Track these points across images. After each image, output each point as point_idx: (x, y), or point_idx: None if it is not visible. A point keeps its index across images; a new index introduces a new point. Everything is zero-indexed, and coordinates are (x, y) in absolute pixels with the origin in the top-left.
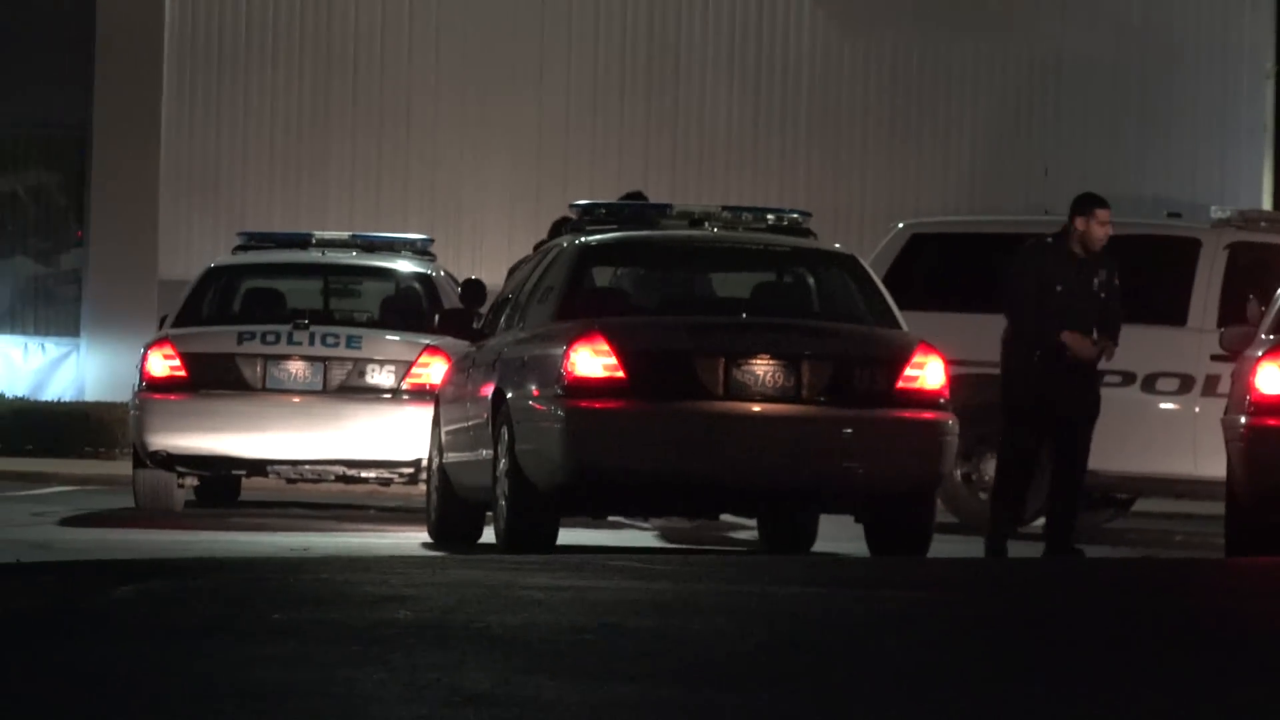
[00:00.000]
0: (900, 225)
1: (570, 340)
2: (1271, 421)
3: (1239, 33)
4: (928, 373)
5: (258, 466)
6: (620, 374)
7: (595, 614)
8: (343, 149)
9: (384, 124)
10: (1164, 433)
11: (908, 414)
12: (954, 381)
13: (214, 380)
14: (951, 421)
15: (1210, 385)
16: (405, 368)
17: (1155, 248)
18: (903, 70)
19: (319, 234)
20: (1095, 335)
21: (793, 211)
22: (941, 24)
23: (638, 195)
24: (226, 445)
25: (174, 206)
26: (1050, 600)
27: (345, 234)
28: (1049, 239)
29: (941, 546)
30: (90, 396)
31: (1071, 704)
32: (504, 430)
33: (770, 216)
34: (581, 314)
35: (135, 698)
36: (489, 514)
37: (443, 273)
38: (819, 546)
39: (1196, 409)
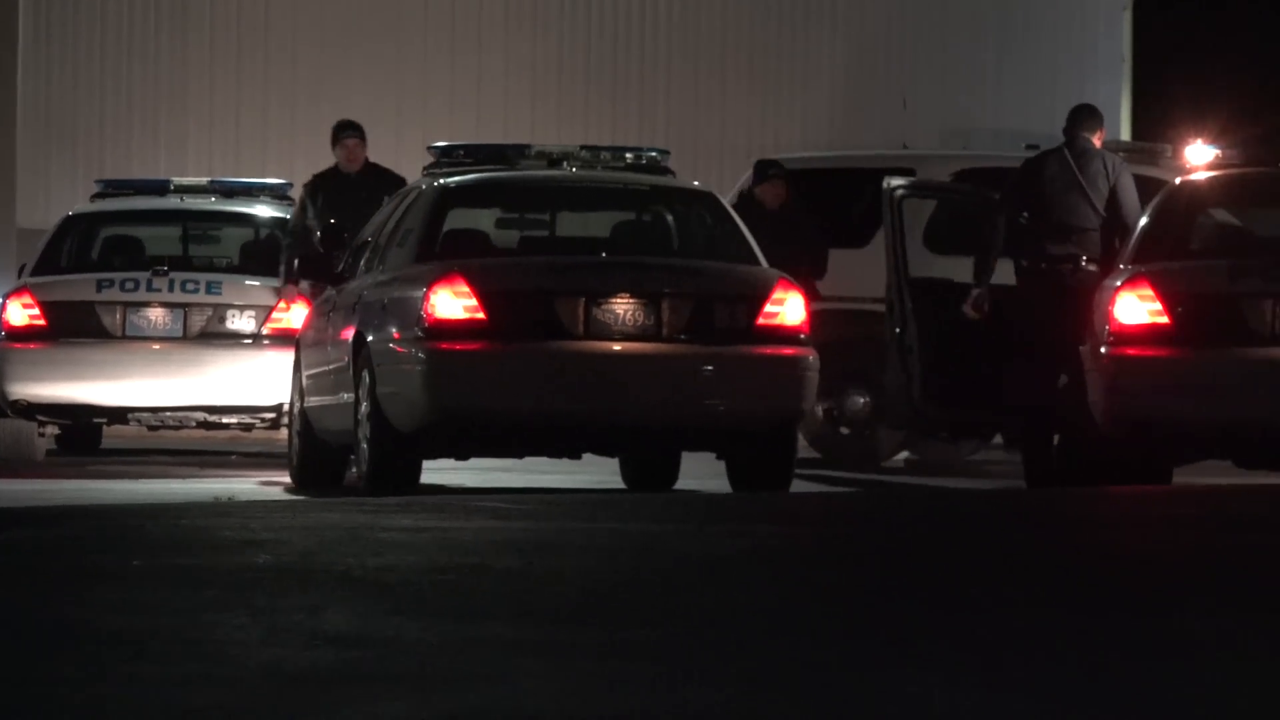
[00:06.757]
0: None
1: (430, 282)
2: (1130, 351)
3: None
4: (788, 309)
5: (119, 414)
6: (480, 315)
7: (457, 555)
8: (201, 93)
9: (242, 67)
10: None
11: (768, 350)
12: (815, 316)
13: (73, 328)
14: (812, 357)
15: None
16: (265, 313)
17: None
18: (761, 5)
19: (177, 180)
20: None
21: (651, 150)
22: None
23: (349, 125)
24: (87, 393)
25: (31, 154)
26: (914, 531)
27: (203, 180)
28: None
29: (803, 482)
30: None
31: (946, 631)
32: (365, 373)
33: (629, 155)
34: (441, 256)
35: None
36: (351, 458)
37: None
38: (680, 485)
39: None
